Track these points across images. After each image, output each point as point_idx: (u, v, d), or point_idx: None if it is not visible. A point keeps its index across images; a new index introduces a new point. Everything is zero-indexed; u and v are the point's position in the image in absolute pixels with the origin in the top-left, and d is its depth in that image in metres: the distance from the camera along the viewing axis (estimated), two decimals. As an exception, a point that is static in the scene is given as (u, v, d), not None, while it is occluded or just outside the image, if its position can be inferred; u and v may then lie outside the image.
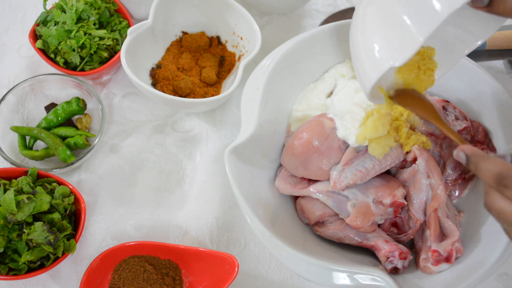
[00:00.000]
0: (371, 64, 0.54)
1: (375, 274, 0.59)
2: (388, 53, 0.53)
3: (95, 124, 0.82)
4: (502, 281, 0.73)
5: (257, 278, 0.73)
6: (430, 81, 0.62)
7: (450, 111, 0.71)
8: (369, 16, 0.56)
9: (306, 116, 0.74)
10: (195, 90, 0.83)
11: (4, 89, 0.85)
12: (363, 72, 0.57)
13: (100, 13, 0.82)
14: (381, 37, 0.54)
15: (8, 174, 0.72)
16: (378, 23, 0.54)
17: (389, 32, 0.53)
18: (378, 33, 0.54)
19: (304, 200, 0.70)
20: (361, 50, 0.56)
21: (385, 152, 0.65)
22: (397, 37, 0.52)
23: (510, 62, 0.88)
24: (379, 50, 0.53)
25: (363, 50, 0.56)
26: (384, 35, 0.53)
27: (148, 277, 0.69)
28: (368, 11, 0.56)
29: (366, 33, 0.55)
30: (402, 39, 0.51)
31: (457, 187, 0.71)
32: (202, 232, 0.76)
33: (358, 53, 0.57)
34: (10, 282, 0.72)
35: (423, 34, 0.49)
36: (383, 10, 0.54)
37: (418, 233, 0.67)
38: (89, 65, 0.81)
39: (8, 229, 0.65)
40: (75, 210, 0.73)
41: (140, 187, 0.79)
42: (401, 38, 0.51)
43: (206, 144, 0.83)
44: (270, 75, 0.70)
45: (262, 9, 0.94)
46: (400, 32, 0.51)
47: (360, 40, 0.57)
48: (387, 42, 0.53)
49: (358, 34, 0.57)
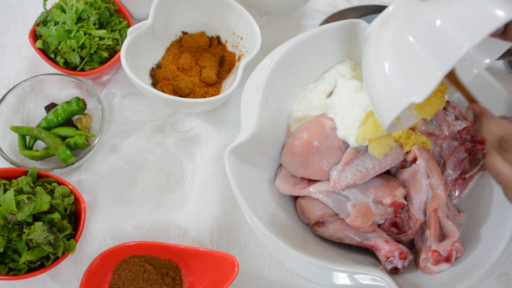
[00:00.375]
0: (390, 100, 0.53)
1: (375, 274, 0.59)
2: (407, 89, 0.50)
3: (95, 124, 0.82)
4: (502, 281, 0.73)
5: (257, 278, 0.73)
6: (441, 102, 0.61)
7: (450, 111, 0.71)
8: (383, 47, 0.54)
9: (306, 116, 0.74)
10: (195, 90, 0.83)
11: (4, 89, 0.85)
12: (382, 107, 0.55)
13: (100, 13, 0.82)
14: (398, 72, 0.52)
15: (8, 174, 0.72)
16: (393, 56, 0.52)
17: (406, 66, 0.51)
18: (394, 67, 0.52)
19: (304, 200, 0.70)
20: (377, 85, 0.54)
21: (385, 152, 0.65)
22: (415, 72, 0.50)
23: (510, 62, 0.88)
24: (397, 86, 0.52)
25: (379, 85, 0.54)
26: (401, 69, 0.51)
27: (148, 277, 0.69)
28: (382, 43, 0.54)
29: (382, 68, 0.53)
30: (422, 74, 0.49)
31: (457, 187, 0.71)
32: (202, 232, 0.76)
33: (374, 88, 0.55)
34: (10, 282, 0.72)
35: (443, 69, 0.47)
36: (397, 42, 0.52)
37: (418, 233, 0.67)
38: (89, 65, 0.81)
39: (8, 229, 0.65)
40: (75, 210, 0.73)
41: (140, 187, 0.79)
42: (420, 73, 0.49)
43: (206, 144, 0.83)
44: (270, 75, 0.70)
45: (262, 9, 0.94)
46: (418, 67, 0.49)
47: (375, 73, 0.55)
48: (405, 77, 0.51)
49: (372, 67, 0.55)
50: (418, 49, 0.50)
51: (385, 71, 0.53)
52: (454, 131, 0.70)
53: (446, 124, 0.70)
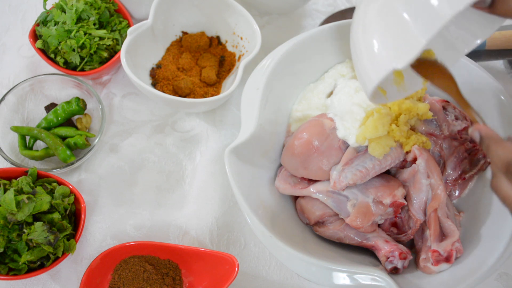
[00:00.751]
0: (373, 66, 0.53)
1: (375, 274, 0.59)
2: (390, 55, 0.51)
3: (95, 124, 0.82)
4: (502, 281, 0.73)
5: (257, 278, 0.73)
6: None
7: (450, 111, 0.71)
8: (370, 15, 0.55)
9: (306, 116, 0.74)
10: (195, 90, 0.83)
11: (4, 89, 0.85)
12: (365, 73, 0.56)
13: (100, 13, 0.82)
14: (383, 38, 0.53)
15: (8, 174, 0.72)
16: (379, 23, 0.53)
17: (390, 33, 0.52)
18: (379, 34, 0.53)
19: (304, 200, 0.70)
20: (362, 51, 0.55)
21: (385, 152, 0.65)
22: (399, 39, 0.51)
23: (510, 62, 0.88)
24: (381, 52, 0.52)
25: (364, 51, 0.55)
26: (386, 36, 0.52)
27: (148, 277, 0.69)
28: (370, 10, 0.55)
29: (367, 34, 0.54)
30: (404, 41, 0.50)
31: (457, 187, 0.71)
32: (202, 232, 0.76)
33: (359, 54, 0.56)
34: (10, 282, 0.72)
35: (426, 36, 0.48)
36: (384, 9, 0.53)
37: (418, 233, 0.67)
38: (89, 65, 0.81)
39: (8, 229, 0.65)
40: (75, 210, 0.73)
41: (140, 187, 0.79)
42: (403, 40, 0.50)
43: (206, 144, 0.83)
44: (270, 75, 0.70)
45: (262, 9, 0.94)
46: (402, 34, 0.50)
47: (361, 40, 0.55)
48: (389, 43, 0.52)
49: (359, 34, 0.56)
50: (405, 16, 0.50)
51: (370, 37, 0.54)
52: (454, 131, 0.70)
53: (446, 124, 0.70)
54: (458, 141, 0.70)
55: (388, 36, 0.52)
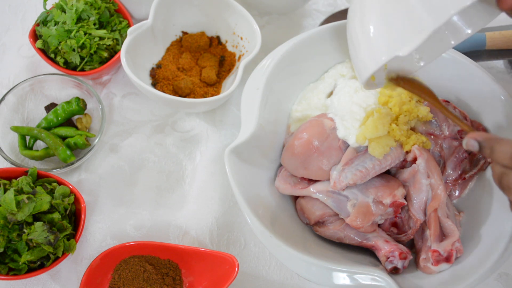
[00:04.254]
0: (371, 52, 0.50)
1: (375, 274, 0.59)
2: (391, 42, 0.48)
3: (95, 124, 0.82)
4: (502, 281, 0.73)
5: (257, 278, 0.73)
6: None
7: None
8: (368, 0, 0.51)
9: (306, 116, 0.74)
10: (195, 90, 0.83)
11: (4, 89, 0.85)
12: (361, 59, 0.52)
13: (100, 13, 0.82)
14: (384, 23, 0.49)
15: (8, 174, 0.72)
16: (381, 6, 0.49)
17: (393, 18, 0.48)
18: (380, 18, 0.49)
19: (304, 200, 0.70)
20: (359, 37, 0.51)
21: (385, 152, 0.65)
22: (403, 24, 0.46)
23: (510, 62, 0.88)
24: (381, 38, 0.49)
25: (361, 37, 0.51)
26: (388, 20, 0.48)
27: (148, 277, 0.69)
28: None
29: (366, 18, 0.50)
30: (410, 27, 0.46)
31: (457, 187, 0.71)
32: (202, 232, 0.76)
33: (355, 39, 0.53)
34: (10, 282, 0.72)
35: (435, 23, 0.44)
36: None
37: (418, 233, 0.67)
38: (89, 65, 0.81)
39: (8, 229, 0.65)
40: (75, 210, 0.73)
41: (140, 187, 0.79)
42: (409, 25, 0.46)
43: (206, 144, 0.83)
44: (270, 75, 0.70)
45: (262, 9, 0.94)
46: (407, 19, 0.46)
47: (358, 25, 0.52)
48: (391, 29, 0.48)
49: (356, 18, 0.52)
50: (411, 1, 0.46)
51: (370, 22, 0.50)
52: (454, 131, 0.70)
53: (446, 124, 0.70)
54: (458, 141, 0.70)
55: (391, 21, 0.48)
